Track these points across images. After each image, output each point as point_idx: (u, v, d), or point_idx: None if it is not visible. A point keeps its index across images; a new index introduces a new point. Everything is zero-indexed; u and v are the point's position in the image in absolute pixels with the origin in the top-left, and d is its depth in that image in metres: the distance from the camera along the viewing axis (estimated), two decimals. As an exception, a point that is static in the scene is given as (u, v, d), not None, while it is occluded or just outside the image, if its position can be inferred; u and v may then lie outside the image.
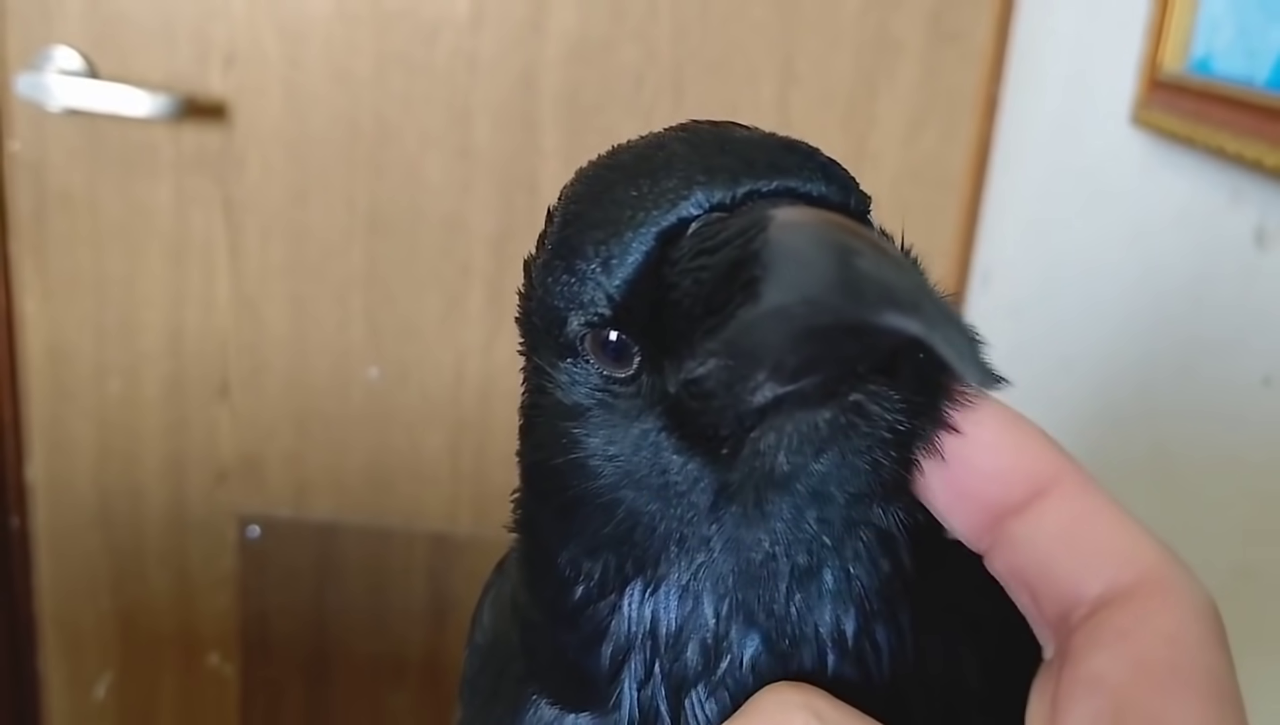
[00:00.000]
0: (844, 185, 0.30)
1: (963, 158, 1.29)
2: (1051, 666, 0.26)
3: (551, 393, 0.32)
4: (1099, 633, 0.25)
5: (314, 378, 1.38)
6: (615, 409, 0.30)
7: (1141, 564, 0.26)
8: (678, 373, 0.28)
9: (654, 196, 0.29)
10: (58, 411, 1.40)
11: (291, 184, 1.32)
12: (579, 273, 0.30)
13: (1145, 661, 0.24)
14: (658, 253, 0.29)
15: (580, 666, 0.33)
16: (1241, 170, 0.73)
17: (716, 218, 0.28)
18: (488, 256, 1.33)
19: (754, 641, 0.30)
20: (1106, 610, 0.25)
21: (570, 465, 0.31)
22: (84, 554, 1.45)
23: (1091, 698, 0.24)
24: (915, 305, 0.22)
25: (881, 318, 0.22)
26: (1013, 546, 0.28)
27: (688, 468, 0.29)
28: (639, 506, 0.30)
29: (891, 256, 0.23)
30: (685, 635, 0.31)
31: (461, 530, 1.42)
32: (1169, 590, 0.25)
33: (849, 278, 0.23)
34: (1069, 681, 0.25)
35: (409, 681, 1.49)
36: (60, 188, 1.32)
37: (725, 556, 0.30)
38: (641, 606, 0.31)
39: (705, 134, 0.31)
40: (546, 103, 1.28)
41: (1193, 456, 0.77)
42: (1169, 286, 0.83)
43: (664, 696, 0.31)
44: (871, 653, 0.30)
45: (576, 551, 0.32)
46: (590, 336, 0.31)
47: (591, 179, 0.32)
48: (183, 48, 1.28)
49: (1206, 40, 0.80)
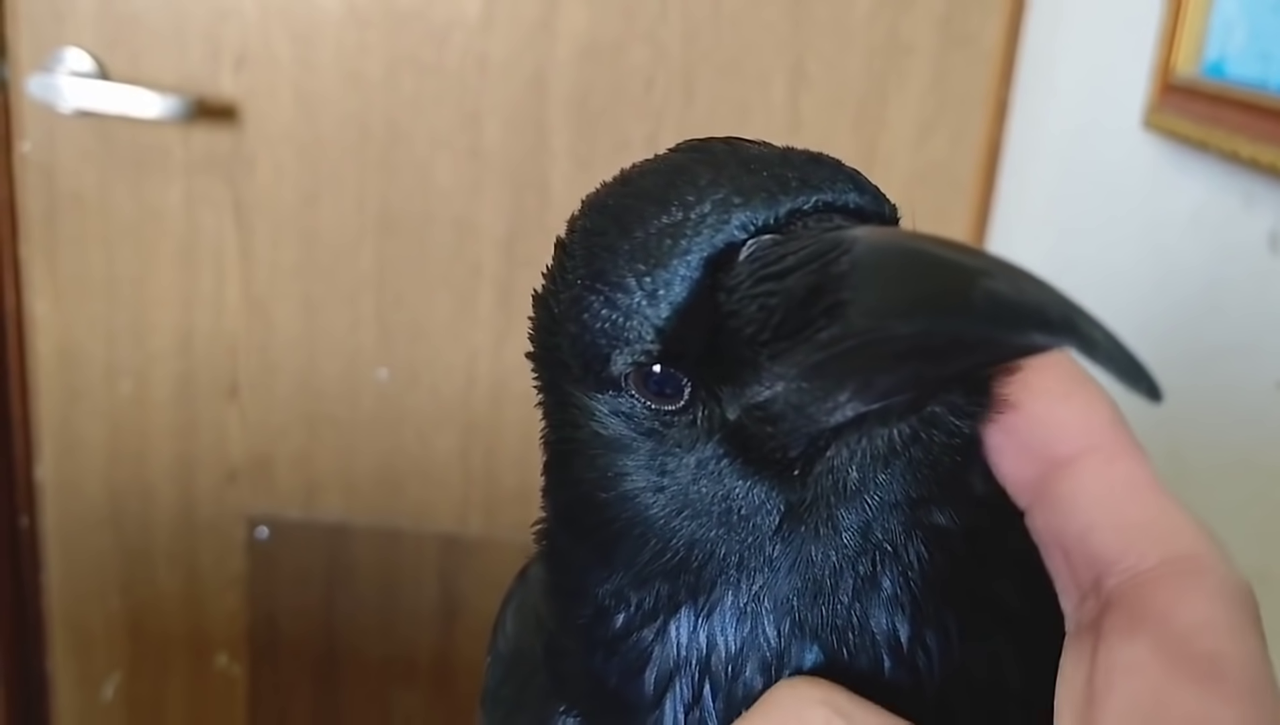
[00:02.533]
0: (875, 195, 0.30)
1: (973, 161, 1.29)
2: (1081, 642, 0.26)
3: (587, 426, 0.31)
4: (1137, 614, 0.25)
5: (324, 379, 1.38)
6: (666, 439, 0.30)
7: (1180, 542, 0.26)
8: (739, 398, 0.28)
9: (694, 223, 0.28)
10: (68, 412, 1.40)
11: (302, 185, 1.32)
12: (620, 306, 0.29)
13: (1185, 652, 0.24)
14: (707, 280, 0.28)
15: (619, 692, 0.32)
16: (1255, 174, 0.73)
17: (771, 241, 0.28)
18: (498, 258, 1.33)
19: (813, 654, 0.30)
20: (1144, 589, 0.25)
21: (618, 499, 0.31)
22: (93, 554, 1.45)
23: (1131, 687, 0.24)
24: (1069, 323, 0.21)
25: (1028, 338, 0.22)
26: (1054, 504, 0.27)
27: (753, 492, 0.29)
28: (697, 535, 0.30)
29: (1028, 275, 0.22)
30: (745, 655, 0.30)
31: (471, 531, 1.42)
32: (1207, 572, 0.25)
33: (981, 299, 0.22)
34: (1107, 666, 0.24)
35: (418, 682, 1.49)
36: (71, 189, 1.32)
37: (789, 575, 0.30)
38: (695, 631, 0.31)
39: (721, 152, 0.31)
40: (557, 104, 1.28)
41: (1207, 460, 0.77)
42: (1182, 291, 0.83)
43: (716, 717, 0.31)
44: (923, 655, 0.30)
45: (622, 582, 0.32)
46: (635, 371, 0.30)
47: (612, 208, 0.31)
48: (194, 49, 1.28)
49: (1220, 44, 0.80)
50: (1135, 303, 0.89)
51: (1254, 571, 0.72)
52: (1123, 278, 0.92)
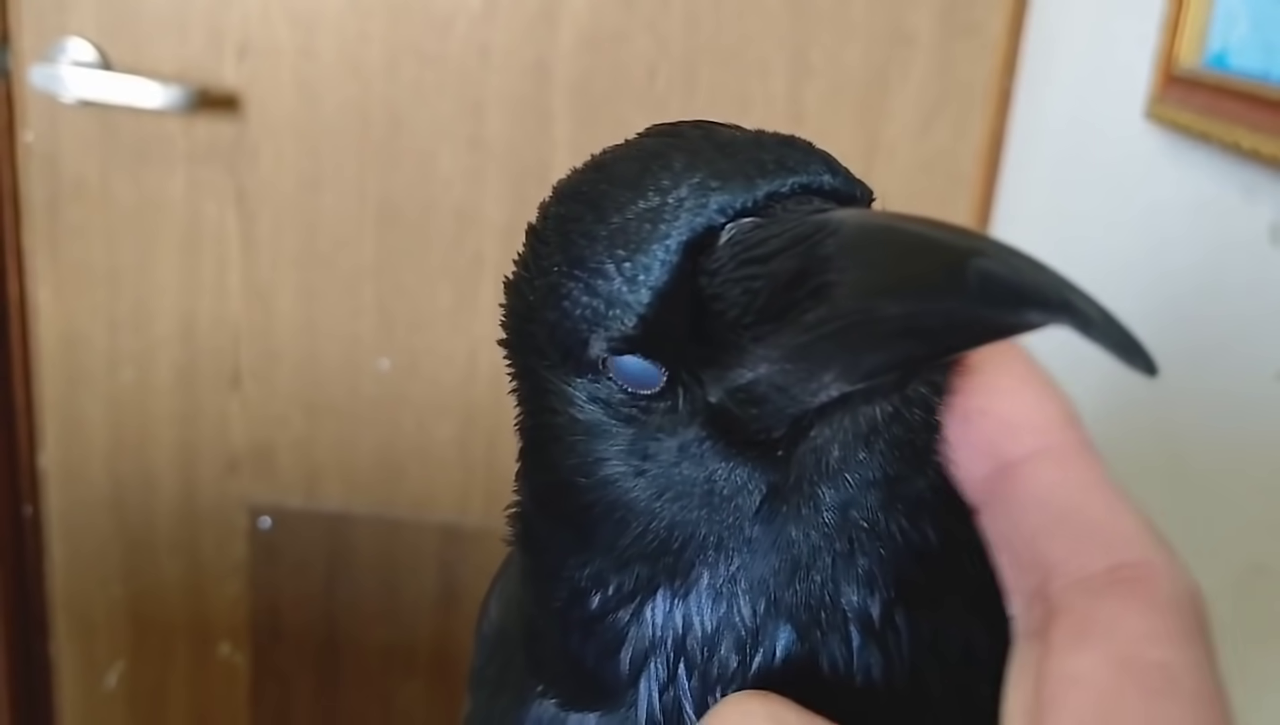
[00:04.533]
0: (847, 177, 0.30)
1: (975, 152, 1.29)
2: (1028, 649, 0.26)
3: (565, 412, 0.31)
4: (1085, 623, 0.24)
5: (325, 368, 1.39)
6: (645, 424, 0.30)
7: (1129, 547, 0.25)
8: (721, 381, 0.28)
9: (672, 207, 0.29)
10: (70, 400, 1.40)
11: (304, 175, 1.32)
12: (600, 292, 0.29)
13: (1133, 663, 0.23)
14: (687, 264, 0.28)
15: (595, 673, 0.33)
16: (1257, 166, 0.73)
17: (752, 225, 0.28)
18: (499, 247, 1.33)
19: (786, 633, 0.30)
20: (1091, 597, 0.25)
21: (597, 483, 0.31)
22: (96, 542, 1.46)
23: (1080, 699, 0.23)
24: (1064, 302, 0.21)
25: (1023, 317, 0.22)
26: (1003, 505, 0.27)
27: (735, 473, 0.29)
28: (679, 518, 0.30)
29: (1019, 253, 0.22)
30: (720, 634, 0.31)
31: (472, 520, 1.43)
32: (1156, 579, 0.25)
33: (975, 279, 0.22)
34: (1054, 678, 0.24)
35: (419, 671, 1.49)
36: (74, 178, 1.32)
37: (767, 555, 0.30)
38: (671, 612, 0.31)
39: (694, 136, 0.31)
40: (559, 93, 1.28)
41: (1206, 452, 0.77)
42: (1182, 282, 0.83)
43: (691, 696, 0.31)
44: (893, 633, 0.30)
45: (601, 565, 0.32)
46: (612, 356, 0.30)
47: (587, 194, 0.31)
48: (196, 39, 1.28)
49: (1223, 35, 0.80)
50: (1135, 293, 0.89)
51: (1252, 563, 0.73)
52: (1123, 268, 0.92)
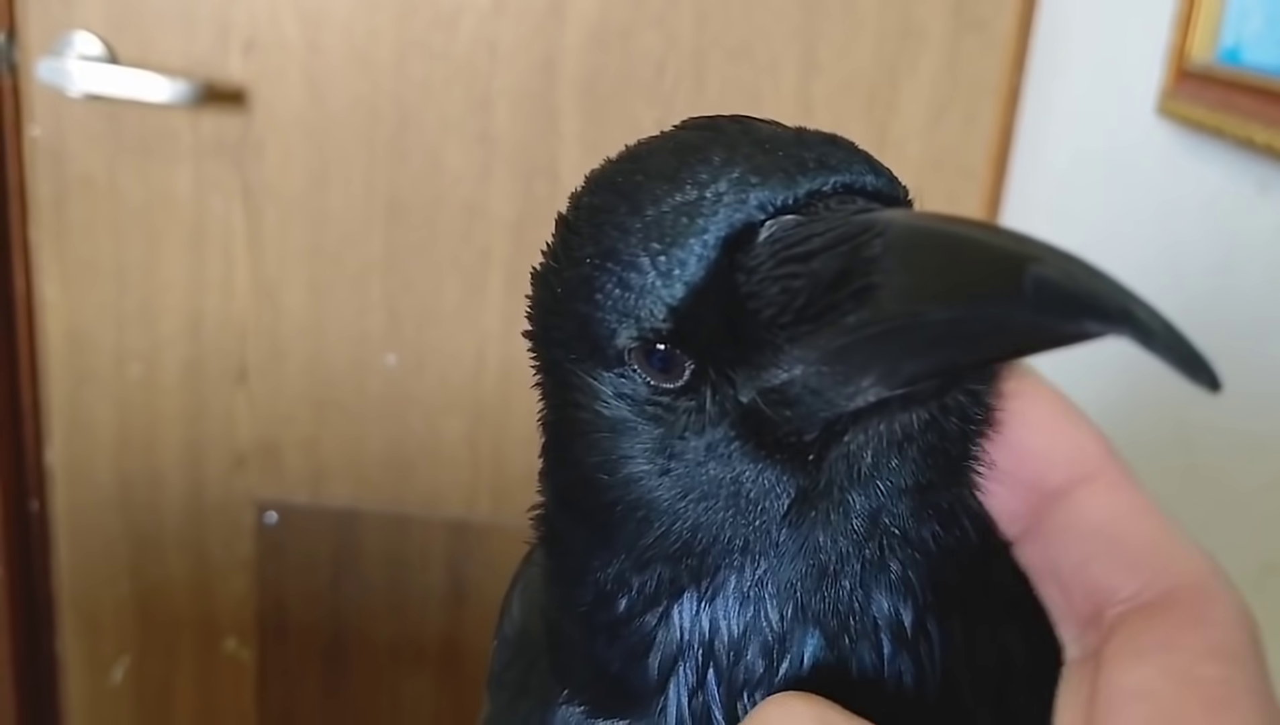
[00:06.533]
0: (890, 178, 0.30)
1: (985, 147, 1.28)
2: (1082, 669, 0.26)
3: (590, 407, 0.31)
4: (1140, 642, 0.24)
5: (332, 364, 1.38)
6: (671, 422, 0.29)
7: (1181, 569, 0.25)
8: (754, 381, 0.28)
9: (710, 201, 0.28)
10: (77, 396, 1.40)
11: (311, 170, 1.32)
12: (632, 285, 0.29)
13: (1192, 677, 0.23)
14: (723, 260, 0.28)
15: (622, 678, 0.32)
16: (1270, 161, 0.72)
17: (794, 222, 0.27)
18: (507, 242, 1.33)
19: (815, 639, 0.30)
20: (1146, 618, 0.25)
21: (621, 481, 0.30)
22: (103, 538, 1.46)
23: (1137, 712, 0.23)
24: (1125, 312, 0.21)
25: (1081, 326, 0.21)
26: (1048, 536, 0.27)
27: (763, 476, 0.28)
28: (703, 519, 0.29)
29: (1076, 260, 0.22)
30: (747, 639, 0.30)
31: (480, 516, 1.43)
32: (1210, 600, 0.25)
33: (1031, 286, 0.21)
34: (1111, 692, 0.24)
35: (426, 668, 1.49)
36: (80, 173, 1.32)
37: (794, 560, 0.29)
38: (697, 615, 0.31)
39: (733, 131, 0.30)
40: (567, 89, 1.28)
41: (1219, 448, 0.76)
42: (1195, 277, 0.82)
43: (719, 701, 0.31)
44: (925, 641, 0.30)
45: (624, 566, 0.31)
46: (638, 348, 0.29)
47: (622, 185, 0.30)
48: (202, 33, 1.28)
49: (1235, 30, 0.80)
50: (1148, 289, 0.88)
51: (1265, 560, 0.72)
52: (1135, 264, 0.92)
